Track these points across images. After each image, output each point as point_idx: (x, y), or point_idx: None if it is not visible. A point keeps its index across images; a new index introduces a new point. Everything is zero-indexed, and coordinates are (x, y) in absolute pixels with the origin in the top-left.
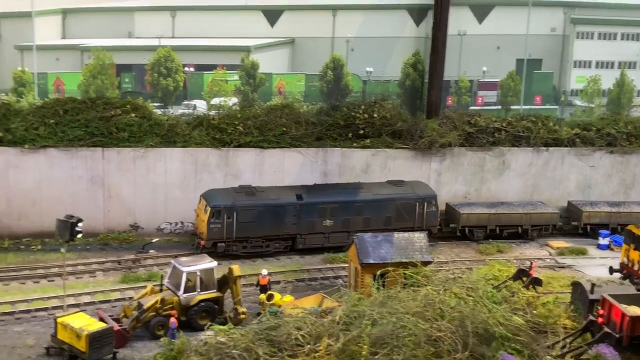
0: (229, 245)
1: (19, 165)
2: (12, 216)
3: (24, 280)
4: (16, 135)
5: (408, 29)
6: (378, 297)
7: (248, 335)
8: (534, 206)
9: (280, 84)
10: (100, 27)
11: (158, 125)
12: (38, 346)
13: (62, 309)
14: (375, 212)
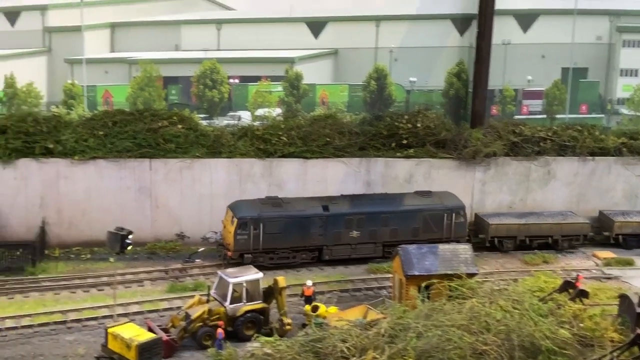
0: (255, 257)
1: (69, 176)
2: (62, 226)
3: (74, 289)
4: (66, 146)
5: (452, 39)
6: (423, 309)
7: (294, 347)
8: (564, 216)
9: (323, 94)
10: (148, 41)
11: (204, 136)
12: (89, 355)
13: (111, 319)
14: (403, 223)
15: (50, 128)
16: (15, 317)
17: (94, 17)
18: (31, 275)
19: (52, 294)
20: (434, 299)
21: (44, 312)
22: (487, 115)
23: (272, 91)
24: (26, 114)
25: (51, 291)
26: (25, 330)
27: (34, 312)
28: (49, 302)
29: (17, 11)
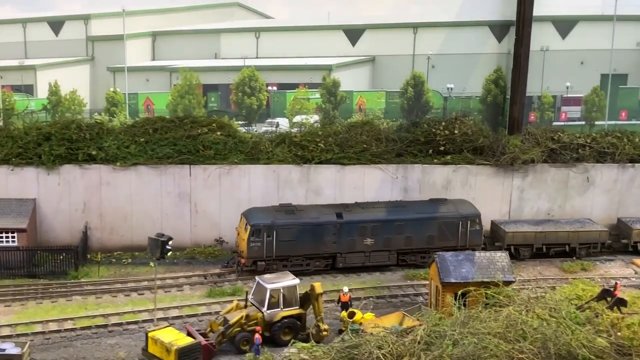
0: (269, 264)
1: (111, 182)
2: (104, 230)
3: (115, 294)
4: (109, 153)
5: (490, 45)
6: (459, 316)
7: (330, 353)
8: (581, 224)
9: (360, 101)
10: (188, 49)
11: (242, 142)
12: (130, 359)
13: (152, 323)
14: (417, 230)
15: (93, 135)
16: (58, 320)
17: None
18: (74, 279)
19: (94, 298)
20: (470, 307)
21: (86, 316)
22: (525, 122)
23: (309, 98)
24: (70, 121)
25: (93, 295)
26: (68, 333)
27: (77, 315)
28: (91, 305)
29: (61, 21)
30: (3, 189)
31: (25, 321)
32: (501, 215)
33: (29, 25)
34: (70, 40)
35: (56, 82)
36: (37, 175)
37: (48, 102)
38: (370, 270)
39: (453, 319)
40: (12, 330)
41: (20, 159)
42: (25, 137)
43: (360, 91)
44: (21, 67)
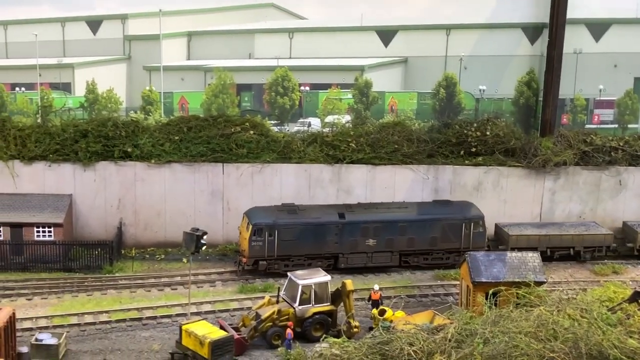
0: (270, 264)
1: (146, 179)
2: (138, 226)
3: (149, 288)
4: (144, 150)
5: (522, 47)
6: (490, 315)
7: (361, 349)
8: (586, 227)
9: (392, 101)
10: (223, 49)
11: (275, 142)
12: (163, 351)
13: (185, 317)
14: (420, 232)
15: (129, 133)
16: (93, 313)
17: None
18: (109, 274)
19: (129, 292)
20: (501, 306)
21: (121, 309)
22: (557, 124)
23: (341, 98)
24: (106, 118)
25: (127, 289)
26: (103, 325)
27: (112, 308)
28: (125, 299)
29: (99, 20)
30: (40, 184)
31: (61, 313)
32: (533, 218)
33: (67, 24)
34: (108, 39)
35: (93, 80)
36: (74, 172)
37: (85, 100)
38: (401, 270)
39: (484, 318)
40: (49, 321)
41: (58, 155)
42: (63, 134)
43: (392, 92)
44: (59, 65)
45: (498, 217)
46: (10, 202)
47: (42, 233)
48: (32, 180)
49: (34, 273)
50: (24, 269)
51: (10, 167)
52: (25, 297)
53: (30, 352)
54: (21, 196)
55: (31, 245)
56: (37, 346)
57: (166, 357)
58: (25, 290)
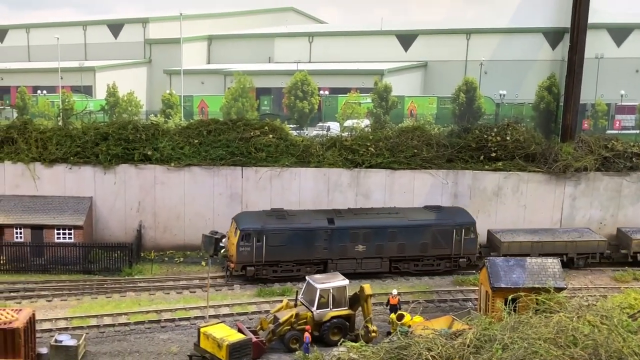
0: (258, 269)
1: (165, 182)
2: (157, 229)
3: (168, 291)
4: (163, 153)
5: (543, 52)
6: (509, 321)
7: (379, 353)
8: (579, 233)
9: (412, 106)
10: (243, 53)
11: (293, 146)
12: (182, 353)
13: (203, 319)
14: (410, 238)
15: (149, 136)
16: (112, 314)
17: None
18: (128, 276)
19: (147, 294)
20: (520, 312)
21: (140, 311)
22: (578, 130)
23: (361, 103)
24: (127, 122)
25: (146, 291)
26: (122, 327)
27: (130, 310)
28: (144, 301)
29: (120, 24)
30: (61, 186)
31: (80, 315)
32: (553, 224)
33: (89, 28)
34: (129, 42)
35: (114, 83)
36: (94, 174)
37: (106, 103)
38: (419, 275)
39: (503, 324)
40: (68, 323)
41: (78, 157)
42: (84, 136)
43: (412, 96)
44: (81, 68)
45: (518, 222)
46: (31, 204)
47: (62, 235)
48: (53, 183)
49: (54, 275)
50: (44, 270)
51: (31, 170)
52: (45, 298)
53: (50, 353)
54: (42, 198)
55: (51, 247)
56: (57, 347)
57: (184, 359)
58: (45, 291)
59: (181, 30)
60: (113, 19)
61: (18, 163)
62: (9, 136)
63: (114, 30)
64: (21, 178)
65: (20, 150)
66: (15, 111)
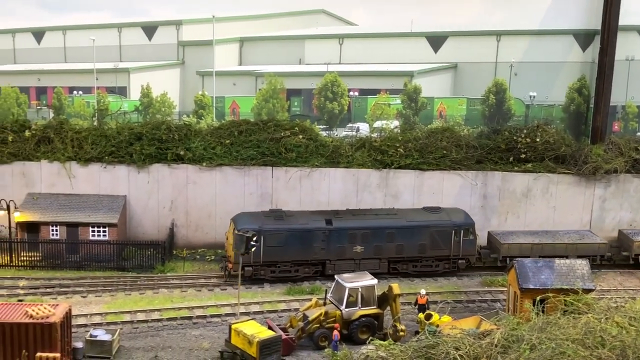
0: (256, 270)
1: (197, 181)
2: (189, 228)
3: (199, 288)
4: (196, 153)
5: (574, 54)
6: (537, 322)
7: (407, 352)
8: (580, 235)
9: (441, 107)
10: (274, 54)
11: (323, 146)
12: (213, 349)
13: (234, 316)
14: (409, 239)
15: (182, 136)
16: (146, 311)
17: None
18: (160, 273)
19: (179, 291)
20: (548, 313)
21: (172, 308)
22: (608, 132)
23: (390, 104)
24: (160, 122)
25: (178, 289)
26: (155, 323)
27: (163, 307)
28: (176, 298)
29: (154, 26)
30: (96, 185)
31: (114, 311)
32: (582, 225)
33: (124, 30)
34: (162, 44)
35: (148, 84)
36: (128, 173)
37: (140, 104)
38: (448, 275)
39: (531, 324)
40: (102, 318)
41: (113, 157)
42: (118, 136)
43: (442, 97)
44: (116, 69)
45: (547, 224)
46: (66, 202)
47: (97, 233)
48: (88, 181)
49: (89, 271)
50: (79, 267)
51: (67, 169)
52: (80, 294)
53: (85, 347)
54: (77, 197)
55: (86, 244)
56: (92, 342)
57: (216, 355)
58: (81, 287)
59: (213, 32)
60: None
61: (54, 162)
62: (45, 136)
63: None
64: (57, 177)
65: (57, 150)
66: (52, 111)
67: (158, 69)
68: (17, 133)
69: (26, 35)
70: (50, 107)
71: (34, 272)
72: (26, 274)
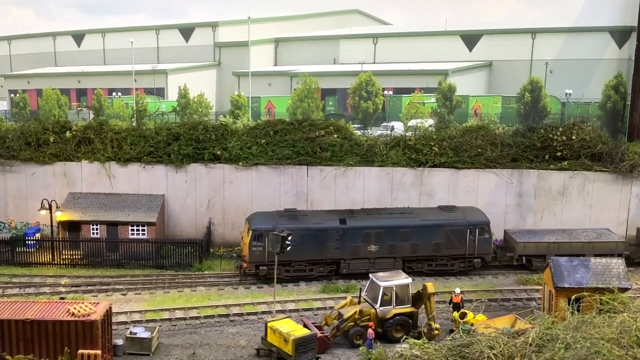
0: (270, 269)
1: (234, 180)
2: (226, 226)
3: (236, 286)
4: (232, 153)
5: (610, 51)
6: (572, 321)
7: (442, 350)
8: (597, 234)
9: (476, 105)
10: (308, 55)
11: (358, 145)
12: (249, 347)
13: (270, 314)
14: (423, 238)
15: (218, 136)
16: (184, 308)
17: (259, 33)
18: (198, 271)
19: (217, 289)
20: (583, 312)
21: (209, 305)
22: None
23: (425, 102)
24: (197, 122)
25: (215, 287)
26: (193, 321)
27: (201, 305)
28: (213, 296)
29: (191, 28)
30: (135, 185)
31: (153, 308)
32: (619, 223)
33: (161, 32)
34: (199, 46)
35: (185, 85)
36: (166, 173)
37: (177, 104)
38: (483, 274)
39: (566, 323)
40: (142, 316)
41: (151, 157)
42: (156, 137)
43: (476, 96)
44: (154, 71)
45: (584, 222)
46: (106, 201)
47: (136, 231)
48: (127, 181)
49: (128, 269)
50: (119, 265)
51: (107, 168)
52: (120, 292)
53: (125, 344)
54: (117, 196)
55: (126, 242)
56: (132, 339)
57: (252, 352)
58: (120, 285)
59: (249, 33)
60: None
61: (94, 162)
62: (86, 136)
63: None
64: (97, 176)
65: (97, 150)
66: (92, 112)
67: (195, 70)
68: (58, 134)
69: (66, 38)
70: (90, 108)
71: (75, 270)
72: (68, 272)
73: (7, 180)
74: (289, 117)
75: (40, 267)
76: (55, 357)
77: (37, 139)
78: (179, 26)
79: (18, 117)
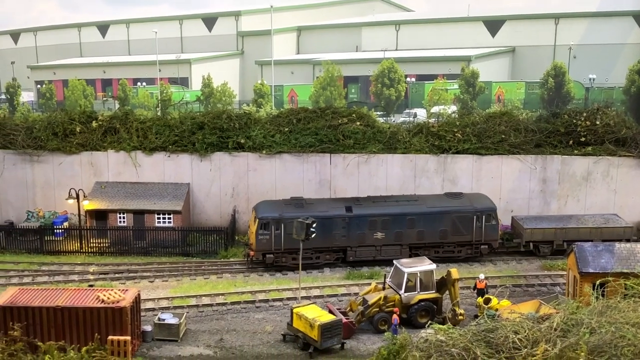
0: (277, 257)
1: (258, 168)
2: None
3: (261, 273)
4: (255, 141)
5: (634, 35)
6: (597, 306)
7: (466, 336)
8: (605, 219)
9: (499, 91)
10: (331, 42)
11: (380, 132)
12: (275, 332)
13: (295, 300)
14: (430, 225)
15: (242, 125)
16: (210, 295)
17: (282, 22)
18: (223, 259)
19: (242, 276)
20: (608, 297)
21: (235, 292)
22: None
23: (447, 89)
24: (221, 111)
25: (241, 273)
26: (220, 307)
27: (227, 291)
28: (239, 283)
29: (214, 17)
30: (160, 173)
31: (181, 295)
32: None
33: (185, 22)
34: (222, 35)
35: (209, 74)
36: (191, 162)
37: (201, 94)
38: (507, 259)
39: (591, 308)
40: (169, 302)
41: (176, 146)
42: (181, 126)
43: (500, 82)
44: (177, 61)
45: (608, 207)
46: (133, 190)
47: (162, 219)
48: (153, 170)
49: (155, 257)
50: (146, 253)
51: (133, 158)
52: (147, 279)
53: (154, 330)
54: (143, 185)
55: (152, 231)
56: (160, 325)
57: (278, 338)
58: (148, 273)
59: (272, 22)
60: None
61: (120, 151)
62: (111, 126)
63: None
64: (123, 166)
65: (122, 140)
66: (117, 102)
67: (218, 60)
68: (84, 124)
69: (91, 29)
70: (115, 98)
71: (103, 258)
72: (96, 260)
73: (35, 170)
74: (312, 105)
75: (69, 255)
76: (86, 343)
77: (64, 129)
78: (202, 16)
79: (45, 108)
